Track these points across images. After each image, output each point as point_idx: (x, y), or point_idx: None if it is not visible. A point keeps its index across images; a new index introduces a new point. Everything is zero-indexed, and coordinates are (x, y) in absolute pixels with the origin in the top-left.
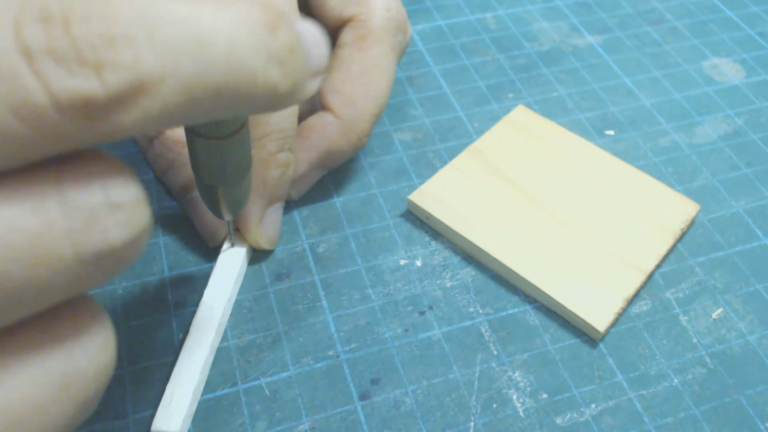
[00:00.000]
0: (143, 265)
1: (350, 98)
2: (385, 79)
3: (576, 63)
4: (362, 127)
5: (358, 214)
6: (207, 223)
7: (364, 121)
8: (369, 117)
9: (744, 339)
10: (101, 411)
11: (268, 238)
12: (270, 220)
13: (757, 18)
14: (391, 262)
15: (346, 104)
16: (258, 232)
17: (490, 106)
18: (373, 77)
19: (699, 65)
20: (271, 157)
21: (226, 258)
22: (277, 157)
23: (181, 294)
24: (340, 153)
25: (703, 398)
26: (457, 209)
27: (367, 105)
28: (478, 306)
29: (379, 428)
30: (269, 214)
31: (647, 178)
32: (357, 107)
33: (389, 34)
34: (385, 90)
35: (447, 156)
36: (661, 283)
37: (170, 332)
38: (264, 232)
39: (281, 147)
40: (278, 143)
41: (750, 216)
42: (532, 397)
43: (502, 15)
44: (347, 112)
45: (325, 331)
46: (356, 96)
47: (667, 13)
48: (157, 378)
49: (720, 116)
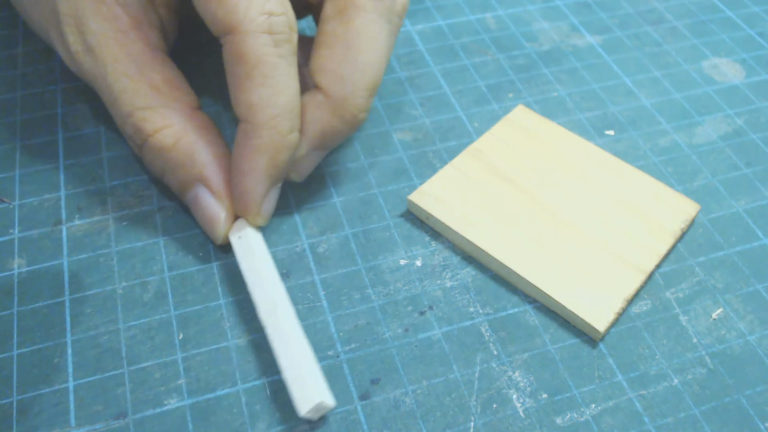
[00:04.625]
0: (143, 265)
1: (337, 75)
2: (374, 50)
3: (576, 63)
4: (355, 103)
5: (358, 214)
6: (209, 222)
7: (356, 97)
8: (362, 92)
9: (744, 339)
10: (101, 411)
11: (266, 216)
12: (269, 198)
13: (757, 18)
14: (391, 262)
15: (334, 82)
16: (260, 210)
17: (490, 106)
18: (359, 50)
19: (699, 65)
20: (282, 137)
21: (245, 244)
22: (288, 138)
23: (181, 294)
24: (336, 132)
25: (703, 398)
26: (457, 209)
27: (357, 80)
28: (478, 306)
29: (379, 428)
30: (271, 193)
31: (647, 178)
32: (346, 84)
33: (372, 0)
34: (376, 61)
35: (447, 156)
36: (661, 283)
37: (170, 332)
38: (264, 210)
39: (292, 127)
40: (289, 123)
41: (750, 216)
42: (532, 397)
43: (502, 15)
44: (336, 89)
45: (325, 331)
46: (344, 72)
47: (667, 13)
48: (157, 378)
49: (720, 116)
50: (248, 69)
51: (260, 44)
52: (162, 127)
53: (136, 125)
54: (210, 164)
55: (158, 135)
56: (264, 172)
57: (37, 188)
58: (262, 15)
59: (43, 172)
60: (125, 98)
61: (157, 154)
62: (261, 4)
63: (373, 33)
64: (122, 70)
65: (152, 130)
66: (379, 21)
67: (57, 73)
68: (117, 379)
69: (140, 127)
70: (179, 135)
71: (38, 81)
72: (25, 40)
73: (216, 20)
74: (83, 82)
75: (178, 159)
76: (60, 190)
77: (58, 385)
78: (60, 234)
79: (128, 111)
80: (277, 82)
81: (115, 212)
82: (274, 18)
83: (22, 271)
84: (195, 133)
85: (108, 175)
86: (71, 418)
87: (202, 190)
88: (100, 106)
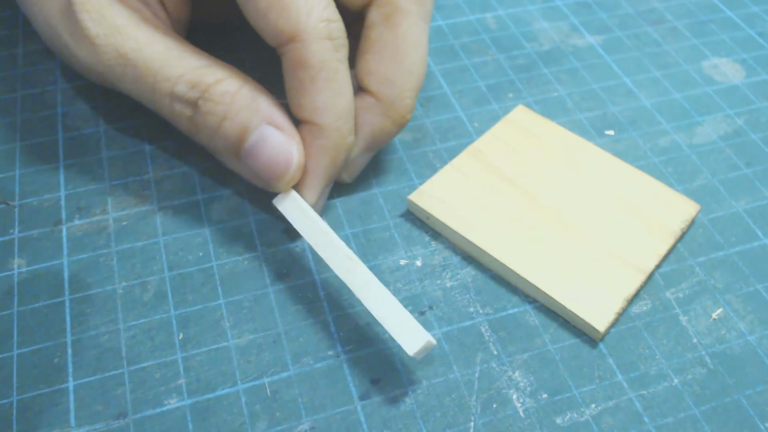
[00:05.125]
0: (143, 265)
1: (387, 78)
2: (419, 53)
3: (576, 63)
4: (404, 104)
5: (358, 214)
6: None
7: (405, 98)
8: (409, 93)
9: (744, 339)
10: (101, 411)
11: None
12: (322, 197)
13: (757, 18)
14: (391, 262)
15: (384, 84)
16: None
17: (490, 106)
18: (406, 53)
19: (699, 65)
20: (344, 139)
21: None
22: (347, 140)
23: (181, 294)
24: (386, 133)
25: (703, 398)
26: (457, 209)
27: (405, 81)
28: (478, 306)
29: (379, 428)
30: (324, 191)
31: (647, 178)
32: (395, 86)
33: (415, 5)
34: (421, 62)
35: (447, 156)
36: (661, 283)
37: (170, 332)
38: (317, 207)
39: (351, 129)
40: (350, 125)
41: (750, 216)
42: (532, 397)
43: (502, 15)
44: (386, 92)
45: (325, 331)
46: (393, 74)
47: (667, 13)
48: (157, 378)
49: (720, 116)
50: (312, 74)
51: (323, 50)
52: (224, 77)
53: (193, 80)
54: (276, 106)
55: (222, 82)
56: (325, 171)
57: (37, 188)
58: (322, 22)
59: (43, 172)
60: (173, 62)
61: (220, 100)
62: (320, 11)
63: (417, 36)
64: (161, 41)
65: (214, 80)
66: (421, 24)
67: (57, 73)
68: (117, 379)
69: (199, 80)
70: (242, 82)
71: (38, 81)
72: (25, 40)
73: (277, 31)
74: (83, 82)
75: (244, 101)
76: (60, 190)
77: (58, 385)
78: (60, 234)
79: (180, 72)
80: (339, 86)
81: (115, 212)
82: (332, 24)
83: (22, 271)
84: (255, 84)
85: (108, 175)
86: (71, 418)
87: (270, 128)
88: (100, 106)
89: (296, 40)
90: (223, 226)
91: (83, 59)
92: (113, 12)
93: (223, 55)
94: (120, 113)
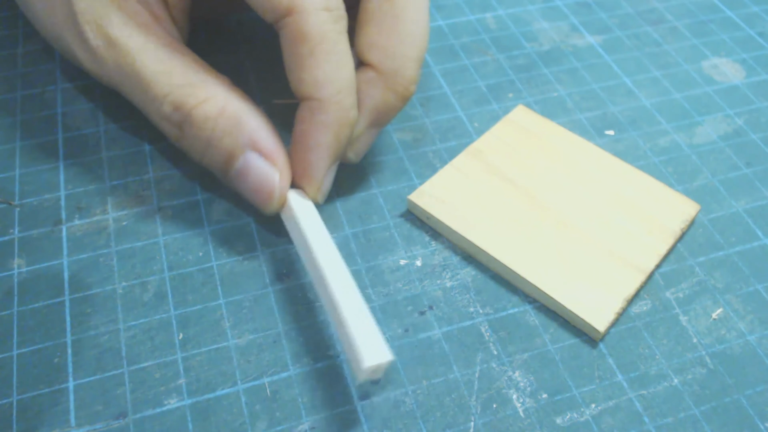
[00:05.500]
0: (143, 265)
1: (387, 49)
2: (419, 22)
3: (576, 63)
4: (407, 75)
5: (357, 214)
6: (263, 188)
7: (407, 68)
8: (411, 63)
9: (744, 339)
10: (101, 411)
11: (325, 192)
12: (329, 176)
13: (757, 18)
14: (391, 262)
15: (385, 56)
16: (321, 186)
17: (490, 106)
18: (406, 23)
19: (699, 65)
20: (346, 112)
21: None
22: (350, 114)
23: (181, 294)
24: (390, 107)
25: (703, 398)
26: (457, 209)
27: (407, 52)
28: (478, 306)
29: (379, 428)
30: (330, 171)
31: (647, 178)
32: (396, 57)
33: None
34: (422, 32)
35: (447, 156)
36: (661, 283)
37: (170, 332)
38: (324, 186)
39: (353, 103)
40: (351, 98)
41: (750, 216)
42: (532, 397)
43: (502, 15)
44: (388, 64)
45: (325, 331)
46: (393, 45)
47: (667, 13)
48: (157, 378)
49: (720, 116)
50: (311, 46)
51: (321, 21)
52: (205, 99)
53: (176, 102)
54: (260, 128)
55: (202, 106)
56: (329, 147)
57: (37, 188)
58: None
59: (43, 172)
60: (161, 79)
61: (202, 126)
62: None
63: (416, 4)
64: (152, 56)
65: (195, 103)
66: None
67: (57, 73)
68: (117, 379)
69: (182, 102)
70: (223, 103)
71: (38, 81)
72: (25, 40)
73: (273, 4)
74: (83, 82)
75: (225, 126)
76: (60, 190)
77: (58, 385)
78: (60, 234)
79: (165, 91)
80: (339, 58)
81: (115, 212)
82: None
83: (22, 271)
84: (239, 101)
85: (108, 175)
86: (71, 418)
87: (253, 155)
88: (100, 106)
89: (293, 12)
90: (223, 226)
91: (88, 66)
92: (109, 22)
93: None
94: (120, 113)
